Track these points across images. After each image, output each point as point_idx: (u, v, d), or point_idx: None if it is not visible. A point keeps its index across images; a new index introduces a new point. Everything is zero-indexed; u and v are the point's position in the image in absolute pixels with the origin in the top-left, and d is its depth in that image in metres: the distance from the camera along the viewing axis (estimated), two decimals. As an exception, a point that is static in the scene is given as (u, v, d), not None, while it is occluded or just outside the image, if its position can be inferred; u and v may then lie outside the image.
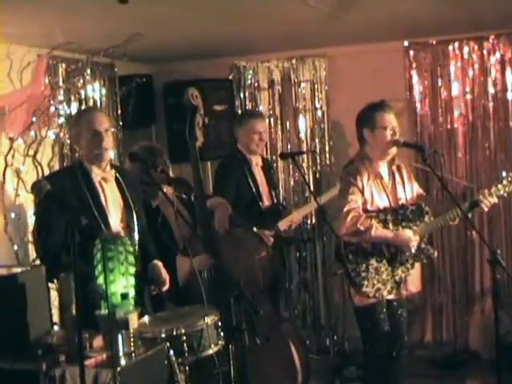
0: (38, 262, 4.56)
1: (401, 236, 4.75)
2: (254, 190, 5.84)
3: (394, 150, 4.83)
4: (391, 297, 4.85)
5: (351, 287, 4.77)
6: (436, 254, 4.96)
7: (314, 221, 7.11)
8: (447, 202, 4.89)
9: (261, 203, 5.86)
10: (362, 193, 4.73)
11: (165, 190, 4.71)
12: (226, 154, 6.25)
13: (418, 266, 4.93)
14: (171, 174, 5.08)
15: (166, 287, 4.34)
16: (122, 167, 4.51)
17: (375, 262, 4.74)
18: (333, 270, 4.85)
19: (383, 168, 4.87)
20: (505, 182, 4.84)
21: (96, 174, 4.22)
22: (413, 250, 4.76)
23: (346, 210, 4.65)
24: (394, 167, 4.94)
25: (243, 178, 5.81)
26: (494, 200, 4.78)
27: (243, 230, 5.41)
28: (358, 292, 4.73)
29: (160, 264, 4.35)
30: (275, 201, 6.03)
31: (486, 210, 4.81)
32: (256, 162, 5.98)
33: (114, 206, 4.27)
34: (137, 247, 4.27)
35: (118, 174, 4.34)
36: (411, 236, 4.74)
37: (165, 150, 5.33)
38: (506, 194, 4.88)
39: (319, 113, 7.19)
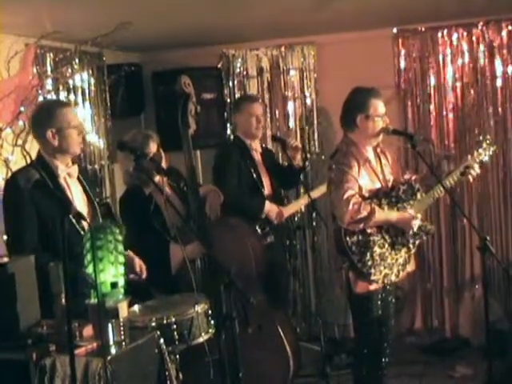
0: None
1: (403, 216, 4.73)
2: (254, 176, 5.83)
3: (380, 137, 4.83)
4: (397, 280, 4.86)
5: (357, 276, 4.73)
6: (434, 229, 4.95)
7: (303, 209, 7.10)
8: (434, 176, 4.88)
9: (263, 190, 5.86)
10: (357, 180, 4.69)
11: (156, 178, 4.70)
12: (223, 142, 6.28)
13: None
14: (164, 162, 5.08)
15: (144, 275, 4.32)
16: (77, 161, 4.49)
17: (378, 249, 4.70)
18: (338, 265, 4.80)
19: (370, 152, 4.86)
20: (484, 145, 4.92)
21: (62, 169, 4.19)
22: (415, 229, 4.75)
23: (345, 197, 4.56)
24: (379, 150, 4.93)
25: (243, 164, 5.80)
26: (477, 169, 4.86)
27: (236, 219, 5.41)
28: (368, 282, 4.71)
29: (131, 253, 4.32)
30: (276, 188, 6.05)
31: (474, 175, 4.85)
32: (255, 148, 5.97)
33: (79, 201, 4.24)
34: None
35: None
36: (412, 215, 4.75)
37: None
38: (487, 158, 4.95)
39: (308, 101, 7.19)
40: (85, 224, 3.96)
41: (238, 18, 5.80)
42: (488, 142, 4.96)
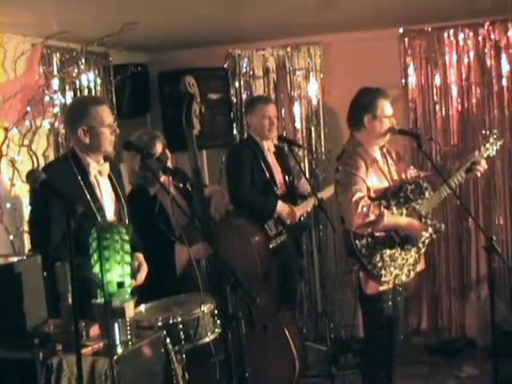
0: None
1: (413, 224, 4.72)
2: (267, 175, 5.85)
3: (387, 138, 4.82)
4: (408, 279, 4.85)
5: (367, 277, 4.71)
6: (443, 226, 4.92)
7: (308, 209, 7.10)
8: (443, 172, 4.87)
9: (276, 189, 5.87)
10: (365, 181, 4.66)
11: (162, 178, 4.70)
12: (235, 142, 6.29)
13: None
14: (169, 163, 5.08)
15: (139, 281, 4.11)
16: (110, 158, 4.46)
17: (388, 250, 4.68)
18: (348, 268, 4.79)
19: (377, 153, 4.84)
20: (491, 139, 4.91)
21: (93, 167, 4.16)
22: (422, 239, 4.75)
23: (354, 200, 4.54)
24: (385, 150, 4.92)
25: (256, 164, 5.82)
26: (485, 165, 4.83)
27: (240, 219, 5.41)
28: (379, 283, 4.70)
29: (140, 256, 4.26)
30: (290, 187, 6.06)
31: (482, 170, 4.83)
32: (268, 148, 5.98)
33: (107, 200, 4.24)
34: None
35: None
36: (423, 225, 4.73)
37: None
38: (494, 153, 4.94)
39: (314, 101, 7.19)
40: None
41: (244, 18, 5.80)
42: (495, 136, 4.94)
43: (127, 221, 4.30)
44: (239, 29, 6.35)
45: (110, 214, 4.22)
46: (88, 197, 4.08)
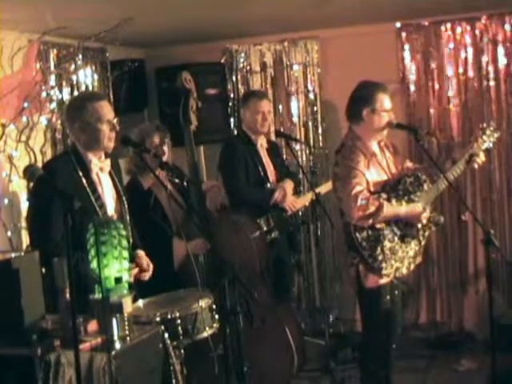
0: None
1: (412, 210, 4.72)
2: (261, 171, 5.85)
3: (385, 132, 4.82)
4: (408, 272, 4.85)
5: (367, 271, 4.70)
6: (443, 219, 4.92)
7: (307, 203, 7.10)
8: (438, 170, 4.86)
9: (269, 185, 5.87)
10: (364, 175, 4.66)
11: (157, 173, 4.69)
12: (230, 136, 6.33)
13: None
14: (166, 156, 5.07)
15: (146, 276, 4.24)
16: (111, 154, 4.42)
17: (388, 243, 4.68)
18: (348, 261, 4.79)
19: (375, 146, 4.84)
20: (488, 131, 4.90)
21: (94, 164, 4.13)
22: (424, 221, 4.74)
23: (353, 193, 4.54)
24: (382, 144, 4.92)
25: (250, 159, 5.83)
26: (483, 157, 4.83)
27: (239, 214, 5.41)
28: (379, 276, 4.70)
29: (143, 254, 4.30)
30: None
31: (480, 163, 4.82)
32: (261, 143, 5.99)
33: (108, 196, 4.21)
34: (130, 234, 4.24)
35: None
36: (421, 209, 4.73)
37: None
38: (491, 145, 4.93)
39: (312, 95, 7.19)
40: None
41: (241, 12, 5.79)
42: (492, 128, 4.94)
43: (128, 217, 4.29)
44: (236, 24, 6.35)
45: (110, 210, 4.20)
46: (89, 194, 4.06)
